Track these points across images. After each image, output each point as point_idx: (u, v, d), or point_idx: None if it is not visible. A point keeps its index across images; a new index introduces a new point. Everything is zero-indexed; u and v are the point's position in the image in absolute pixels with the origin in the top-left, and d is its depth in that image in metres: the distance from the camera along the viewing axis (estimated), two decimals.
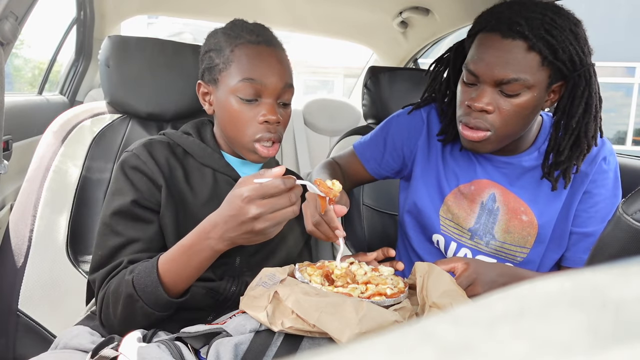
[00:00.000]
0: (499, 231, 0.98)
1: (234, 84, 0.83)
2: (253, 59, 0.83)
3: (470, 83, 0.88)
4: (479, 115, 0.86)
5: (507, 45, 0.83)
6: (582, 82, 0.86)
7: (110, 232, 0.80)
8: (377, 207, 1.56)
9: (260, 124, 0.83)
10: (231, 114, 0.84)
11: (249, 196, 0.65)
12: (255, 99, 0.83)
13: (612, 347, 0.13)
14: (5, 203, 1.29)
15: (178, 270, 0.73)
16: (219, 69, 0.85)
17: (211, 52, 0.87)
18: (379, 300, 0.68)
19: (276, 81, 0.83)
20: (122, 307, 0.74)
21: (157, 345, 0.65)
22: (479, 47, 0.87)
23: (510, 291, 0.17)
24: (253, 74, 0.82)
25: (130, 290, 0.73)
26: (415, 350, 0.13)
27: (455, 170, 1.02)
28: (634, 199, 0.58)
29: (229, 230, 0.68)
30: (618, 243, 0.58)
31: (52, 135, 1.10)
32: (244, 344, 0.65)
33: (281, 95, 0.85)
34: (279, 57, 0.86)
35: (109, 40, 1.13)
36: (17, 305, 1.02)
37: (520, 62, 0.82)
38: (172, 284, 0.74)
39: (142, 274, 0.73)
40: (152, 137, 0.90)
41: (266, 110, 0.83)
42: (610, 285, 0.16)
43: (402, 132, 1.09)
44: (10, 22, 0.86)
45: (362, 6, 1.84)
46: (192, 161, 0.89)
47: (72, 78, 2.05)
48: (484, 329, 0.14)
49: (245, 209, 0.65)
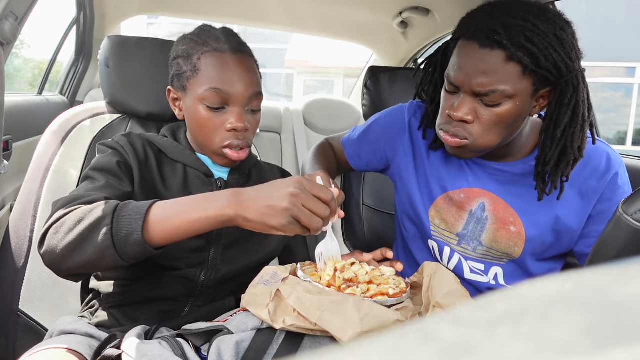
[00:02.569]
0: (487, 239, 0.96)
1: (201, 92, 0.84)
2: (219, 67, 0.84)
3: (451, 91, 0.87)
4: (458, 124, 0.84)
5: (485, 55, 0.79)
6: (570, 89, 0.81)
7: (88, 179, 0.80)
8: (377, 207, 1.56)
9: (227, 131, 0.85)
10: (199, 122, 0.86)
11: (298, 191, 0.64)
12: (222, 107, 0.85)
13: (612, 348, 0.13)
14: (5, 203, 1.29)
15: (172, 221, 0.67)
16: (186, 77, 0.87)
17: (179, 59, 0.88)
18: (381, 300, 0.68)
19: (243, 90, 0.85)
20: (83, 228, 0.67)
21: (158, 342, 0.65)
22: (458, 55, 0.84)
23: (510, 291, 0.17)
24: (219, 84, 0.83)
25: (108, 212, 0.67)
26: (415, 351, 0.13)
27: (443, 176, 1.00)
28: (634, 199, 0.58)
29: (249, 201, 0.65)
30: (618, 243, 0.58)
31: (51, 135, 1.10)
32: (245, 342, 0.65)
33: (249, 103, 0.87)
34: (245, 65, 0.87)
35: (109, 41, 1.13)
36: (17, 305, 1.02)
37: (499, 72, 0.78)
38: (156, 231, 0.67)
39: (131, 206, 0.68)
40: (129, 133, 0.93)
41: (234, 118, 0.84)
42: (610, 285, 0.16)
43: (385, 133, 1.08)
44: (10, 22, 0.86)
45: (362, 6, 1.84)
46: (164, 157, 0.91)
47: (72, 78, 2.05)
48: (484, 329, 0.14)
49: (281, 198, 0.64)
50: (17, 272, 1.03)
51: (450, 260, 1.01)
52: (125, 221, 0.67)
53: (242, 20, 2.17)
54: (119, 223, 0.67)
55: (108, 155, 0.84)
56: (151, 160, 0.88)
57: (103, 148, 0.87)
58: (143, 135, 0.93)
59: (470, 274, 1.00)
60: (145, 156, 0.88)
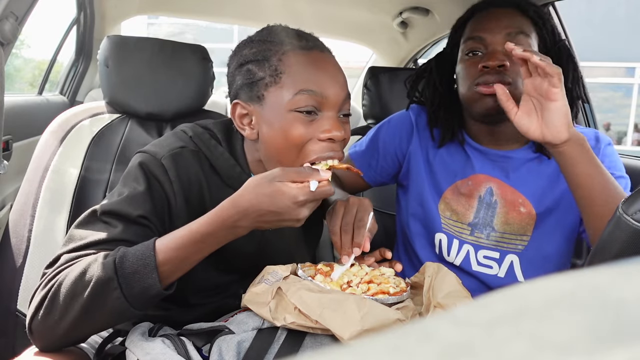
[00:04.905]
0: (499, 223, 0.98)
1: (290, 97, 0.71)
2: (308, 67, 0.73)
3: (475, 53, 0.94)
4: (498, 71, 0.89)
5: (504, 12, 0.93)
6: (563, 53, 0.94)
7: (99, 222, 0.70)
8: (377, 207, 1.56)
9: (322, 141, 0.72)
10: (288, 136, 0.72)
11: (306, 200, 0.64)
12: (315, 112, 0.73)
13: (612, 348, 0.13)
14: (5, 203, 1.29)
15: (183, 257, 0.65)
16: (264, 83, 0.73)
17: (250, 65, 0.75)
18: (382, 298, 0.68)
19: (338, 91, 0.74)
20: (86, 299, 0.61)
21: (161, 340, 0.65)
22: (479, 21, 0.96)
23: (510, 291, 0.17)
24: (312, 85, 0.71)
25: (109, 275, 0.60)
26: (416, 350, 0.13)
27: (451, 167, 1.04)
28: (634, 199, 0.58)
29: (263, 222, 0.65)
30: (618, 243, 0.58)
31: (50, 135, 1.10)
32: (246, 342, 0.65)
33: (342, 107, 0.76)
34: (335, 63, 0.77)
35: (108, 40, 1.13)
36: (16, 305, 1.02)
37: (519, 21, 0.92)
38: (168, 273, 0.64)
39: (132, 258, 0.62)
40: (182, 141, 0.78)
41: (330, 125, 0.72)
42: (610, 285, 0.16)
43: (393, 137, 1.11)
44: (10, 22, 0.86)
45: (362, 6, 1.84)
46: (218, 182, 0.79)
47: (72, 78, 2.05)
48: (484, 329, 0.14)
49: (297, 211, 0.64)
50: (16, 272, 1.03)
51: (459, 254, 1.02)
52: (135, 277, 0.62)
53: (242, 20, 2.18)
54: (129, 281, 0.62)
55: (135, 201, 0.70)
56: (204, 190, 0.77)
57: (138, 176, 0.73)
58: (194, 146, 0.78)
59: (477, 266, 1.00)
60: (199, 186, 0.77)
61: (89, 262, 0.63)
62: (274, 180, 0.64)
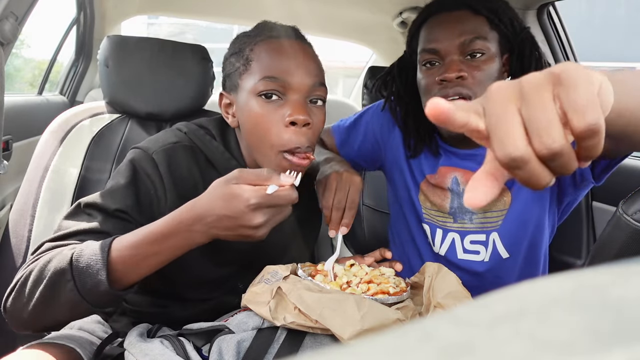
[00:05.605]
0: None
1: (254, 84, 0.73)
2: (274, 54, 0.74)
3: (432, 63, 0.91)
4: (456, 83, 0.87)
5: (457, 16, 0.90)
6: (527, 44, 0.91)
7: (83, 213, 0.71)
8: (377, 207, 1.56)
9: (287, 127, 0.73)
10: (253, 120, 0.74)
11: (259, 204, 0.59)
12: (279, 98, 0.74)
13: (612, 348, 0.13)
14: (5, 203, 1.29)
15: (138, 258, 0.63)
16: (239, 73, 0.77)
17: (232, 57, 0.79)
18: (382, 298, 0.68)
19: (302, 77, 0.73)
20: (43, 288, 0.62)
21: (160, 341, 0.65)
22: (432, 29, 0.92)
23: (510, 291, 0.17)
24: (274, 72, 0.73)
25: (64, 266, 0.61)
26: (415, 350, 0.13)
27: (422, 163, 1.05)
28: (634, 199, 0.58)
29: (219, 228, 0.61)
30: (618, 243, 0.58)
31: (50, 135, 1.10)
32: (246, 341, 0.65)
33: (311, 93, 0.75)
34: (305, 51, 0.77)
35: (108, 40, 1.13)
36: None
37: (472, 24, 0.89)
38: (121, 273, 0.63)
39: (87, 252, 0.62)
40: (175, 137, 0.79)
41: (292, 109, 0.72)
42: (610, 285, 0.16)
43: (378, 122, 1.11)
44: (10, 22, 0.86)
45: (362, 6, 1.84)
46: (214, 175, 0.77)
47: (72, 78, 2.05)
48: (484, 329, 0.14)
49: (249, 216, 0.59)
50: (16, 272, 1.03)
51: (443, 243, 1.03)
52: (87, 272, 0.61)
53: (242, 20, 2.17)
54: (81, 275, 0.61)
55: (117, 195, 0.71)
56: (198, 184, 0.77)
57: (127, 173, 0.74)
58: (188, 140, 0.80)
59: (463, 254, 1.01)
60: (193, 181, 0.77)
61: (56, 252, 0.64)
62: (230, 182, 0.61)
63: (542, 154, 0.33)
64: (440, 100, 0.34)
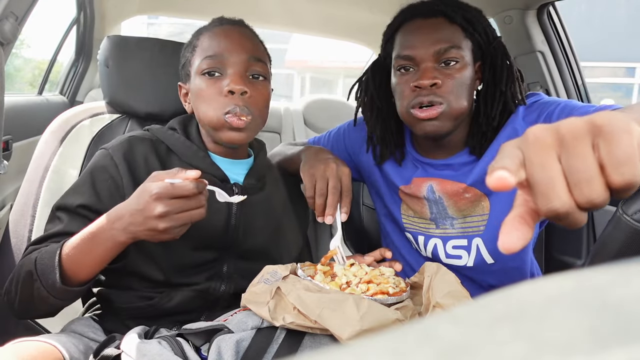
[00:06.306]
0: (454, 212, 0.98)
1: (197, 65, 0.84)
2: (213, 37, 0.85)
3: (406, 68, 0.91)
4: (429, 91, 0.87)
5: (432, 23, 0.90)
6: (498, 53, 0.92)
7: (55, 218, 0.81)
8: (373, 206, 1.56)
9: (225, 96, 0.81)
10: (198, 95, 0.83)
11: (158, 194, 0.64)
12: (219, 73, 0.83)
13: (612, 348, 0.13)
14: (5, 203, 1.29)
15: (79, 257, 0.71)
16: (188, 61, 0.87)
17: (185, 50, 0.90)
18: (381, 298, 0.68)
19: (239, 53, 0.82)
20: (21, 286, 0.73)
21: (158, 342, 0.65)
22: (408, 35, 0.92)
23: (510, 291, 0.17)
24: (212, 51, 0.83)
25: (31, 268, 0.71)
26: (415, 350, 0.13)
27: (398, 173, 1.04)
28: (634, 199, 0.58)
29: (133, 224, 0.67)
30: (618, 243, 0.58)
31: (50, 135, 1.10)
32: (245, 341, 0.65)
33: (248, 68, 0.84)
34: (242, 32, 0.86)
35: (108, 40, 1.13)
36: None
37: (447, 32, 0.89)
38: (71, 271, 0.71)
39: (45, 255, 0.72)
40: (133, 133, 0.88)
41: (230, 79, 0.81)
42: (610, 285, 0.16)
43: (353, 141, 1.12)
44: (10, 22, 0.86)
45: (362, 6, 1.84)
46: (175, 160, 0.86)
47: (72, 78, 2.05)
48: (484, 329, 0.14)
49: (152, 206, 0.64)
50: None
51: (426, 249, 1.03)
52: (45, 272, 0.70)
53: None
54: (43, 275, 0.70)
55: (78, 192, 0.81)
56: (153, 165, 0.83)
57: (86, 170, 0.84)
58: (148, 134, 0.88)
59: (447, 259, 1.01)
60: (147, 169, 0.82)
61: (31, 255, 0.74)
62: (145, 181, 0.68)
63: (583, 204, 0.34)
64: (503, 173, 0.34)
